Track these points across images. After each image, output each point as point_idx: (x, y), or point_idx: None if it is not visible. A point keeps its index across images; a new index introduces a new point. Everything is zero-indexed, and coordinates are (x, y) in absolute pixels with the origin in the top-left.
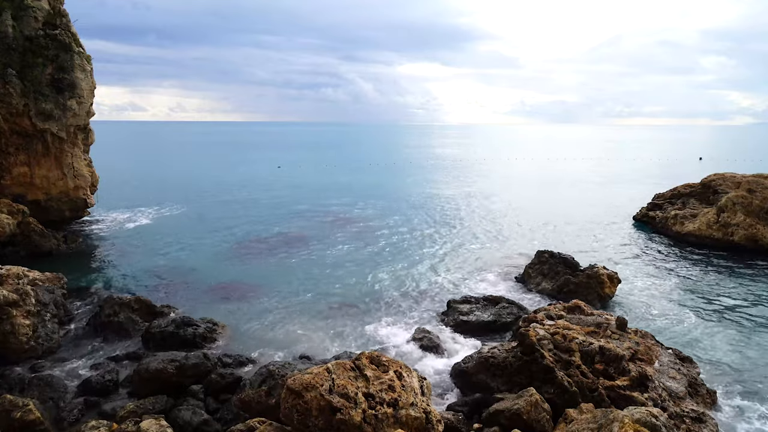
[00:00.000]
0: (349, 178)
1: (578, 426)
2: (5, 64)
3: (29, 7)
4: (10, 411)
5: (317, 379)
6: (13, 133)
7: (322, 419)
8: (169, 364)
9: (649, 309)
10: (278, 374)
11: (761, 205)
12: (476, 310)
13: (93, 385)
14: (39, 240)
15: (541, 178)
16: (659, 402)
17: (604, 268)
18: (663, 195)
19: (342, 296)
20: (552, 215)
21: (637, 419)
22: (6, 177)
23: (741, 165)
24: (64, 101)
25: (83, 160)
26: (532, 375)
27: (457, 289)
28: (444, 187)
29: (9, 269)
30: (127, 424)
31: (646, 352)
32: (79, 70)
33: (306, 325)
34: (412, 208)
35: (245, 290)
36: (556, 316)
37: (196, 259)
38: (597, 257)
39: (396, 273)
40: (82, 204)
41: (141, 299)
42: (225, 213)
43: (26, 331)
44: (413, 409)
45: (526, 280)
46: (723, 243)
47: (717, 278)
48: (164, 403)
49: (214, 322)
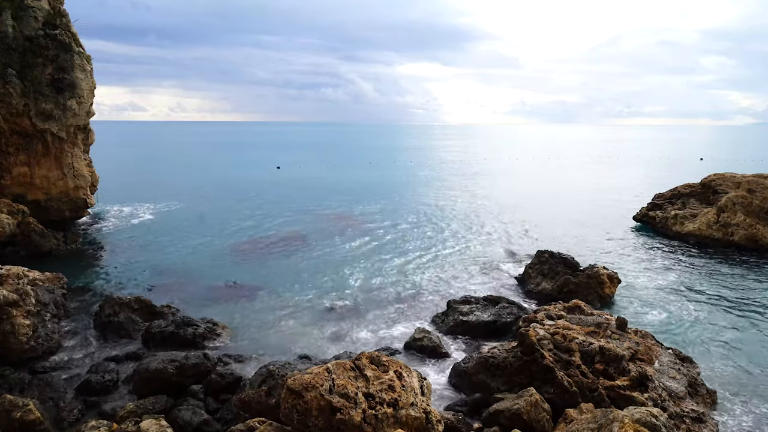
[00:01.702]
0: (349, 178)
1: (578, 426)
2: (5, 64)
3: (29, 7)
4: (10, 411)
5: (317, 379)
6: (13, 133)
7: (322, 419)
8: (169, 364)
9: (649, 309)
10: (278, 374)
11: (761, 205)
12: (476, 310)
13: (93, 385)
14: (39, 240)
15: (541, 178)
16: (659, 402)
17: (604, 268)
18: (663, 195)
19: (342, 296)
20: (552, 215)
21: (637, 419)
22: (6, 177)
23: (741, 165)
24: (64, 101)
25: (83, 160)
26: (532, 375)
27: (457, 289)
28: (444, 187)
29: (9, 269)
30: (127, 424)
31: (646, 352)
32: (79, 70)
33: (306, 325)
34: (412, 208)
35: (245, 290)
36: (556, 316)
37: (196, 259)
38: (597, 257)
39: (396, 273)
40: (82, 204)
41: (141, 299)
42: (225, 213)
43: (26, 331)
44: (413, 409)
45: (526, 280)
46: (723, 243)
47: (717, 278)
48: (164, 403)
49: (214, 322)
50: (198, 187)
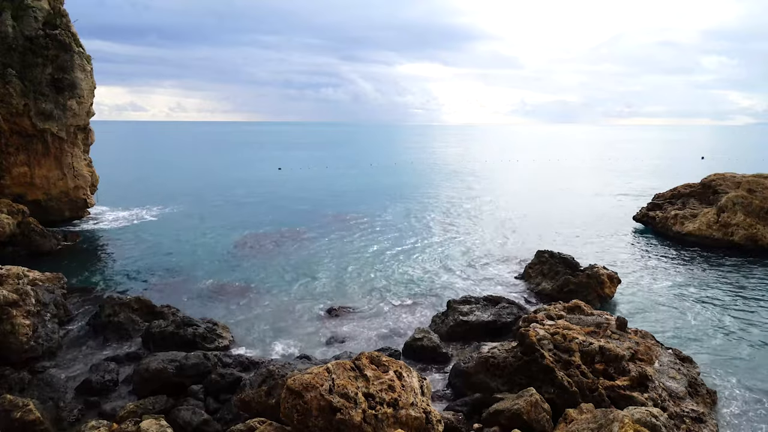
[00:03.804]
0: (349, 178)
1: (578, 426)
2: (5, 64)
3: (29, 7)
4: (10, 411)
5: (317, 379)
6: (13, 133)
7: (322, 419)
8: (169, 364)
9: (649, 309)
10: (278, 374)
11: (761, 205)
12: (476, 310)
13: (93, 385)
14: (39, 240)
15: (541, 178)
16: (659, 402)
17: (604, 268)
18: (663, 195)
19: (342, 296)
20: (552, 215)
21: (637, 419)
22: (6, 177)
23: (741, 165)
24: (64, 101)
25: (83, 160)
26: (532, 375)
27: (457, 289)
28: (444, 188)
29: (9, 269)
30: (127, 424)
31: (646, 352)
32: (79, 70)
33: (306, 325)
34: (412, 209)
35: (245, 290)
36: (556, 316)
37: (196, 259)
38: (597, 257)
39: (396, 273)
40: (82, 204)
41: (141, 299)
42: (225, 213)
43: (26, 331)
44: (413, 409)
45: (526, 280)
46: (723, 243)
47: (717, 278)
48: (164, 403)
49: (214, 322)
50: (198, 187)
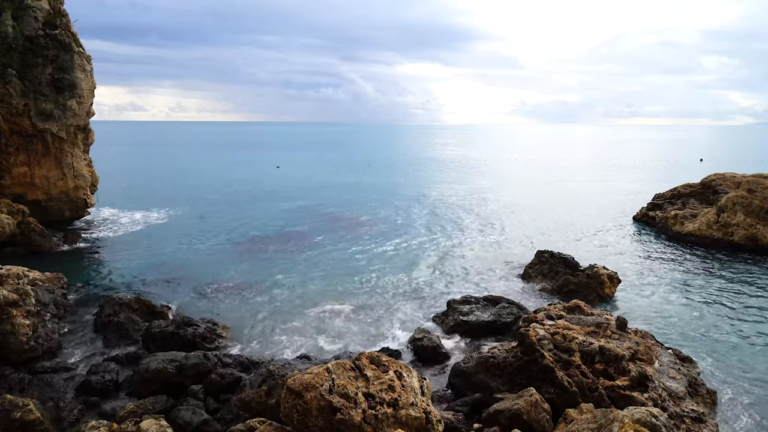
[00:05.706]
0: (349, 177)
1: (578, 426)
2: (5, 64)
3: (29, 7)
4: (10, 411)
5: (317, 379)
6: (13, 133)
7: (322, 419)
8: (169, 364)
9: (649, 309)
10: (278, 374)
11: (761, 205)
12: (476, 310)
13: (93, 385)
14: (39, 240)
15: (541, 178)
16: (659, 402)
17: (604, 268)
18: (663, 195)
19: (342, 296)
20: (552, 215)
21: (637, 419)
22: (6, 177)
23: (741, 165)
24: (64, 101)
25: (83, 160)
26: (532, 375)
27: (457, 289)
28: (444, 188)
29: (9, 269)
30: (127, 424)
31: (646, 352)
32: (79, 70)
33: (306, 325)
34: (412, 209)
35: (245, 290)
36: (556, 316)
37: (196, 259)
38: (597, 257)
39: (396, 273)
40: (82, 204)
41: (141, 299)
42: (225, 213)
43: (26, 331)
44: (413, 409)
45: (526, 280)
46: (723, 243)
47: (717, 278)
48: (164, 403)
49: (214, 322)
50: (198, 187)
